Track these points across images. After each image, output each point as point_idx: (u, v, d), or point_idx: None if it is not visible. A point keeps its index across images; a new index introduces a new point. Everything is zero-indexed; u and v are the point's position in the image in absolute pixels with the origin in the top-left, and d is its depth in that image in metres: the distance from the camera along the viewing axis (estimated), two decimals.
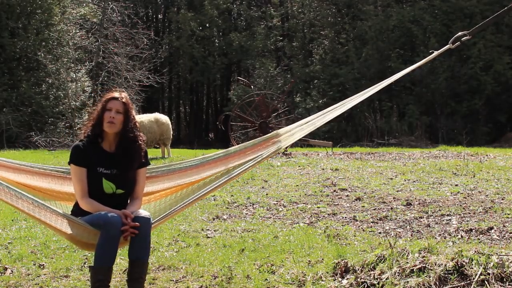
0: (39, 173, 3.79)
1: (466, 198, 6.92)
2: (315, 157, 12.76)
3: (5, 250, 4.75)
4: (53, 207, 3.46)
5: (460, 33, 4.51)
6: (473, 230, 5.18)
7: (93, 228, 3.38)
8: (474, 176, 8.71)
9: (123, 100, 3.62)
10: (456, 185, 7.95)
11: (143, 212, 3.50)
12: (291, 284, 3.86)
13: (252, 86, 19.56)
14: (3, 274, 4.16)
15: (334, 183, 8.39)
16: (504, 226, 5.33)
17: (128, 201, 3.64)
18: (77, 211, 3.56)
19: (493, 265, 3.42)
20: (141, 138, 3.68)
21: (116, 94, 3.63)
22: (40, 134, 19.27)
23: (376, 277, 3.57)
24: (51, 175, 3.82)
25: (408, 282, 3.40)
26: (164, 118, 13.58)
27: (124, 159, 3.59)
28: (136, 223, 3.37)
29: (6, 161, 3.70)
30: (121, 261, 4.28)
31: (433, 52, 4.56)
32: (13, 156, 14.19)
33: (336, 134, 23.28)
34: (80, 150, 3.56)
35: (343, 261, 3.94)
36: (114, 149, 3.62)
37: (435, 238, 4.94)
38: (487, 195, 7.10)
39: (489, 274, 3.35)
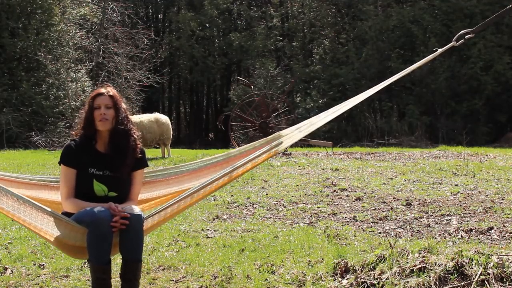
0: (25, 183, 3.69)
1: (466, 198, 6.92)
2: (315, 157, 12.76)
3: (5, 250, 4.75)
4: (39, 204, 3.23)
5: (463, 31, 4.56)
6: (473, 230, 5.18)
7: (80, 226, 3.16)
8: (474, 176, 8.71)
9: (110, 93, 3.44)
10: (456, 185, 7.95)
11: (134, 208, 3.28)
12: (291, 284, 3.86)
13: (252, 86, 19.54)
14: (3, 274, 4.16)
15: (334, 183, 8.39)
16: (504, 226, 5.33)
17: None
18: (65, 215, 3.35)
19: (493, 265, 3.42)
20: (134, 132, 3.50)
21: (102, 90, 3.46)
22: (40, 134, 19.27)
23: (376, 277, 3.57)
24: (37, 184, 3.72)
25: (408, 282, 3.40)
26: (164, 118, 13.61)
27: (117, 156, 3.41)
28: (126, 214, 3.18)
29: None
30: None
31: (437, 50, 4.58)
32: (13, 156, 14.20)
33: (336, 134, 23.27)
34: (71, 150, 3.41)
35: (343, 261, 3.94)
36: (107, 149, 3.44)
37: (435, 238, 4.94)
38: (487, 195, 7.10)
39: (489, 274, 3.35)
